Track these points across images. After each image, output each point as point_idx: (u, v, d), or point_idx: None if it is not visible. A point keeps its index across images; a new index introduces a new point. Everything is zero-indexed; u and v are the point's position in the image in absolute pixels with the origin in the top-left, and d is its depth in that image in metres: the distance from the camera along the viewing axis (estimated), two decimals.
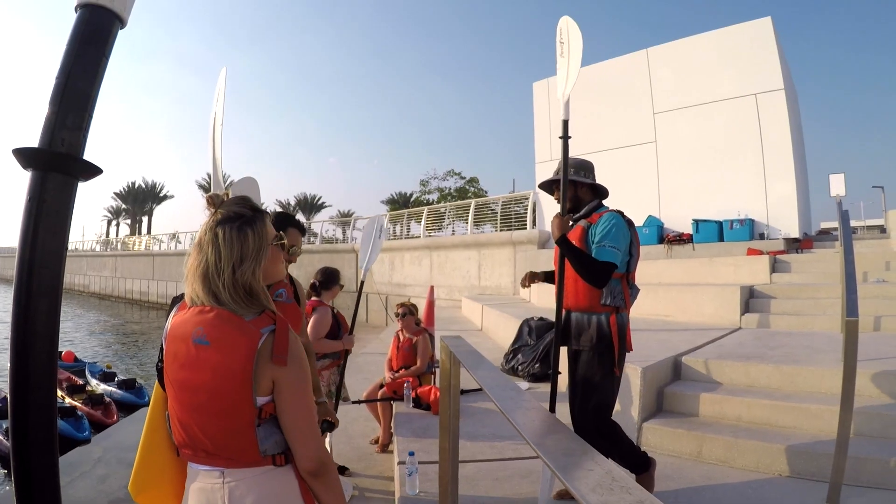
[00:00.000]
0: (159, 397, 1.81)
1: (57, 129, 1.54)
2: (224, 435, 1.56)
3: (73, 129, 1.56)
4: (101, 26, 1.64)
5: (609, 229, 3.16)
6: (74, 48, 1.59)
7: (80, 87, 1.58)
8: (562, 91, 3.50)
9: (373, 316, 22.21)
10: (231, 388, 1.53)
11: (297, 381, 1.60)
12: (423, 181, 43.00)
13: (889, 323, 6.09)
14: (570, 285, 3.30)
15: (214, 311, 1.58)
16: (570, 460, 0.83)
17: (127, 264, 43.62)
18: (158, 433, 1.78)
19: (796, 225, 12.44)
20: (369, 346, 10.32)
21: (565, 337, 3.39)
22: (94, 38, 1.62)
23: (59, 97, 1.55)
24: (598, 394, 3.19)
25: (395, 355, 5.52)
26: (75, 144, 1.56)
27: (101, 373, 14.56)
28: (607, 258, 3.10)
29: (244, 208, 1.71)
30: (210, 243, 1.62)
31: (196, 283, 1.61)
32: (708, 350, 5.39)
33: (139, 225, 71.05)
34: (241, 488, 1.57)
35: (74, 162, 1.56)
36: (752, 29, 13.37)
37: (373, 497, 4.03)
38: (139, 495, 1.81)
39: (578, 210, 3.43)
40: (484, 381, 1.44)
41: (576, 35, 3.49)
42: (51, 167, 1.53)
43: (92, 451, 7.19)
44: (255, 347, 1.53)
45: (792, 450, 3.74)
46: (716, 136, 13.58)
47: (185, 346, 1.59)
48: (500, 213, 19.90)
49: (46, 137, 1.53)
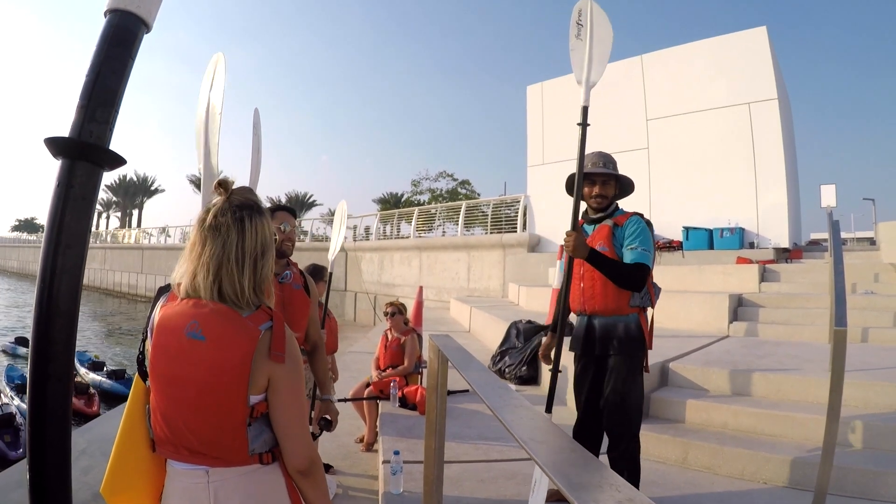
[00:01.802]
0: (139, 391, 1.70)
1: (87, 122, 1.66)
2: (213, 432, 1.51)
3: (101, 123, 1.69)
4: (129, 30, 1.79)
5: (638, 232, 3.12)
6: (104, 49, 1.73)
7: (108, 85, 1.73)
8: (582, 76, 3.33)
9: (361, 315, 22.17)
10: (225, 386, 1.48)
11: (293, 378, 1.57)
12: (415, 181, 43.05)
13: (876, 334, 6.12)
14: (597, 289, 3.19)
15: (211, 306, 1.53)
16: (561, 458, 0.81)
17: (116, 257, 43.39)
18: (137, 430, 1.65)
19: (786, 235, 12.49)
20: (356, 345, 10.28)
21: (588, 344, 3.28)
22: (121, 41, 1.78)
23: (90, 93, 1.68)
24: (633, 395, 3.15)
25: (382, 354, 5.50)
26: (102, 136, 1.69)
27: (89, 362, 14.46)
28: (642, 261, 3.07)
29: (254, 196, 1.67)
30: (233, 230, 1.57)
31: (202, 273, 1.54)
32: (695, 357, 5.39)
33: (129, 218, 70.83)
34: (226, 488, 1.53)
35: (102, 152, 1.69)
36: (748, 38, 13.41)
37: (357, 496, 4.00)
38: (113, 497, 1.64)
39: (606, 209, 3.32)
40: (473, 379, 1.42)
41: (600, 16, 3.35)
42: (80, 156, 1.65)
43: (76, 443, 7.11)
44: (254, 345, 1.49)
45: (777, 458, 3.74)
46: (708, 144, 13.63)
47: (175, 340, 1.52)
48: (491, 216, 19.93)
49: (76, 129, 1.65)
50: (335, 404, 2.86)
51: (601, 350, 3.20)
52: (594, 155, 3.32)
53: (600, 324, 3.22)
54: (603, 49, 3.34)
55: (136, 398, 1.68)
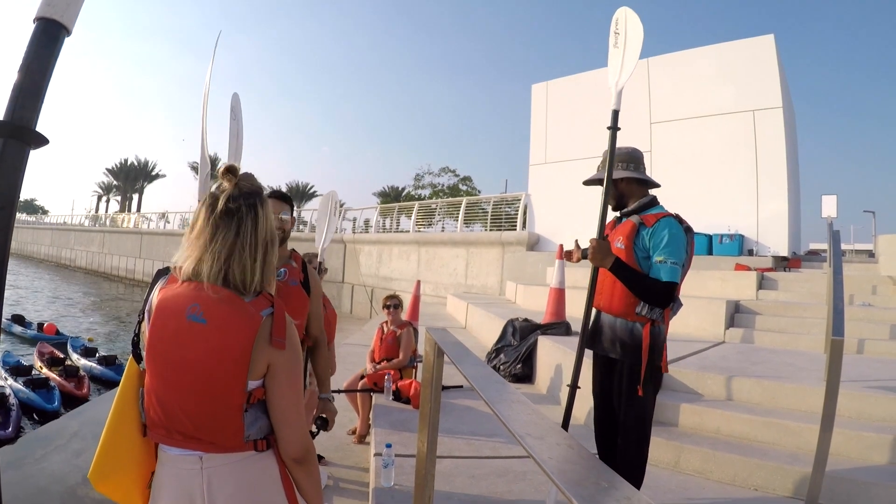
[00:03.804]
0: (133, 374, 1.67)
1: (17, 108, 2.10)
2: (208, 416, 1.50)
3: (28, 109, 2.13)
4: (52, 34, 2.22)
5: (668, 241, 2.85)
6: (33, 49, 2.16)
7: (34, 79, 2.16)
8: (614, 80, 3.25)
9: (357, 308, 22.15)
10: (225, 370, 1.48)
11: (292, 365, 1.57)
12: (418, 175, 42.99)
13: (873, 346, 6.12)
14: (607, 285, 3.05)
15: (213, 289, 1.51)
16: (557, 453, 0.80)
17: (115, 241, 43.30)
18: (129, 413, 1.63)
19: (786, 243, 12.50)
20: (352, 337, 10.28)
21: (594, 340, 3.16)
22: (46, 43, 2.20)
23: (20, 85, 2.12)
24: (636, 407, 2.96)
25: (378, 347, 5.50)
26: (30, 119, 2.13)
27: (82, 347, 14.57)
28: (670, 278, 2.81)
29: (259, 183, 1.67)
30: (247, 217, 1.57)
31: (211, 258, 1.53)
32: (691, 361, 5.39)
33: (129, 202, 70.69)
34: (220, 474, 1.52)
35: (29, 132, 2.13)
36: (755, 45, 13.41)
37: (347, 487, 4.00)
38: (101, 483, 1.62)
39: (623, 207, 3.16)
40: (470, 373, 1.42)
41: (634, 25, 3.26)
42: (10, 135, 2.09)
43: (68, 426, 7.10)
44: (256, 330, 1.49)
45: (769, 465, 3.74)
46: (711, 150, 13.63)
47: (175, 322, 1.51)
48: (491, 213, 19.91)
49: (9, 114, 2.10)
50: (333, 403, 2.80)
51: (604, 349, 3.10)
52: (605, 154, 3.17)
53: (606, 322, 3.10)
54: (633, 54, 3.26)
55: (130, 381, 1.67)
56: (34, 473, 6.17)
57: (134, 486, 1.64)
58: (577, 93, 16.43)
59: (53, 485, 5.95)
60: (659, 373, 3.00)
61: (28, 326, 17.31)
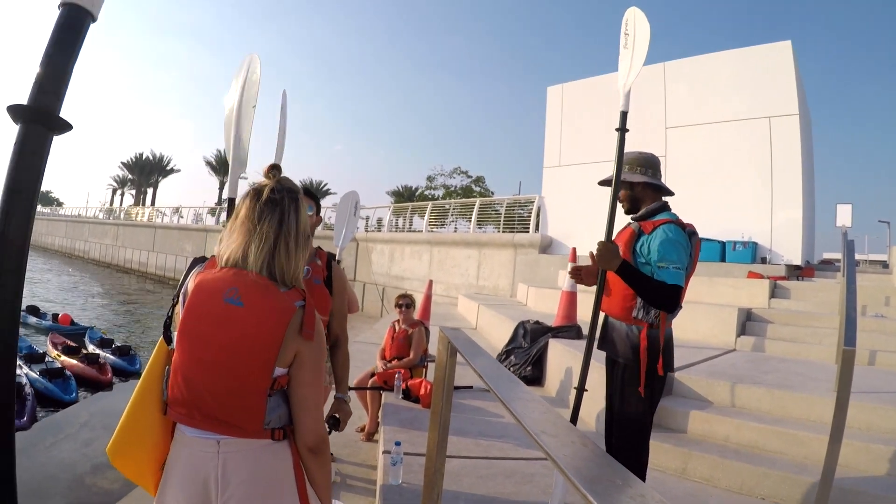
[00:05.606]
0: (161, 354, 1.72)
1: (40, 94, 2.12)
2: (233, 397, 1.56)
3: (51, 94, 2.14)
4: (77, 20, 2.20)
5: (668, 246, 2.85)
6: (57, 35, 2.16)
7: (58, 64, 2.17)
8: (623, 82, 3.27)
9: (369, 306, 22.20)
10: (255, 353, 1.54)
11: (317, 357, 1.64)
12: (430, 177, 42.96)
13: (884, 358, 6.07)
14: (608, 288, 3.08)
15: (253, 276, 1.60)
16: (571, 451, 0.82)
17: (128, 234, 43.65)
18: (153, 391, 1.68)
19: (799, 252, 12.42)
20: (363, 335, 10.31)
21: (603, 341, 3.17)
22: (71, 29, 2.19)
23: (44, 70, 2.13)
24: (630, 408, 2.96)
25: (389, 345, 5.52)
26: (53, 105, 2.14)
27: (98, 339, 14.80)
28: (674, 281, 2.80)
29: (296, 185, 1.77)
30: (290, 208, 1.67)
31: (257, 243, 1.61)
32: (701, 368, 5.38)
33: (143, 196, 71.11)
34: (235, 460, 1.56)
35: (52, 118, 2.14)
36: (772, 52, 13.34)
37: (355, 484, 4.03)
38: (118, 458, 1.67)
39: (637, 211, 3.16)
40: (484, 372, 1.44)
41: (643, 26, 3.28)
42: (33, 120, 2.11)
43: (78, 415, 7.20)
44: (289, 319, 1.56)
45: (777, 474, 3.73)
46: (726, 156, 13.57)
47: (212, 302, 1.58)
48: (504, 215, 19.90)
49: (32, 99, 2.12)
50: (349, 406, 2.80)
51: (609, 351, 3.12)
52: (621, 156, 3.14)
53: (609, 323, 3.14)
54: (640, 55, 3.28)
55: (158, 360, 1.73)
56: (44, 461, 6.26)
57: (147, 466, 1.69)
58: (593, 96, 16.37)
59: (62, 473, 6.04)
60: (658, 376, 2.97)
61: (43, 317, 17.48)
